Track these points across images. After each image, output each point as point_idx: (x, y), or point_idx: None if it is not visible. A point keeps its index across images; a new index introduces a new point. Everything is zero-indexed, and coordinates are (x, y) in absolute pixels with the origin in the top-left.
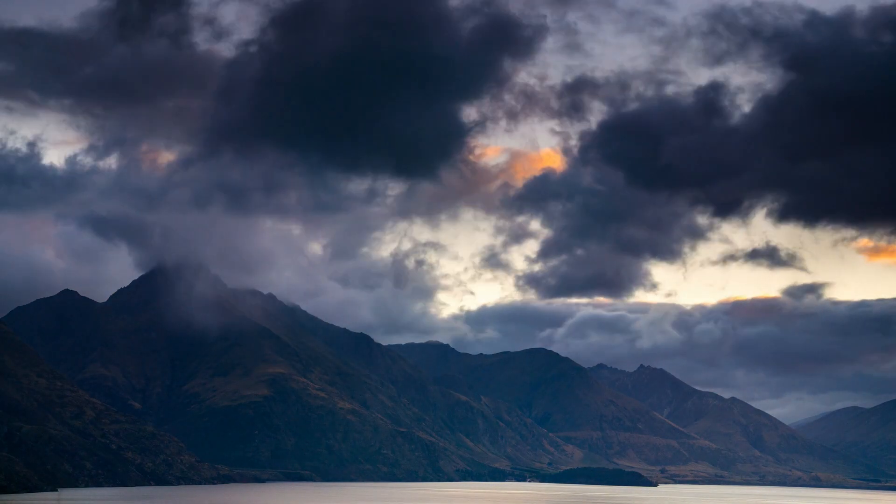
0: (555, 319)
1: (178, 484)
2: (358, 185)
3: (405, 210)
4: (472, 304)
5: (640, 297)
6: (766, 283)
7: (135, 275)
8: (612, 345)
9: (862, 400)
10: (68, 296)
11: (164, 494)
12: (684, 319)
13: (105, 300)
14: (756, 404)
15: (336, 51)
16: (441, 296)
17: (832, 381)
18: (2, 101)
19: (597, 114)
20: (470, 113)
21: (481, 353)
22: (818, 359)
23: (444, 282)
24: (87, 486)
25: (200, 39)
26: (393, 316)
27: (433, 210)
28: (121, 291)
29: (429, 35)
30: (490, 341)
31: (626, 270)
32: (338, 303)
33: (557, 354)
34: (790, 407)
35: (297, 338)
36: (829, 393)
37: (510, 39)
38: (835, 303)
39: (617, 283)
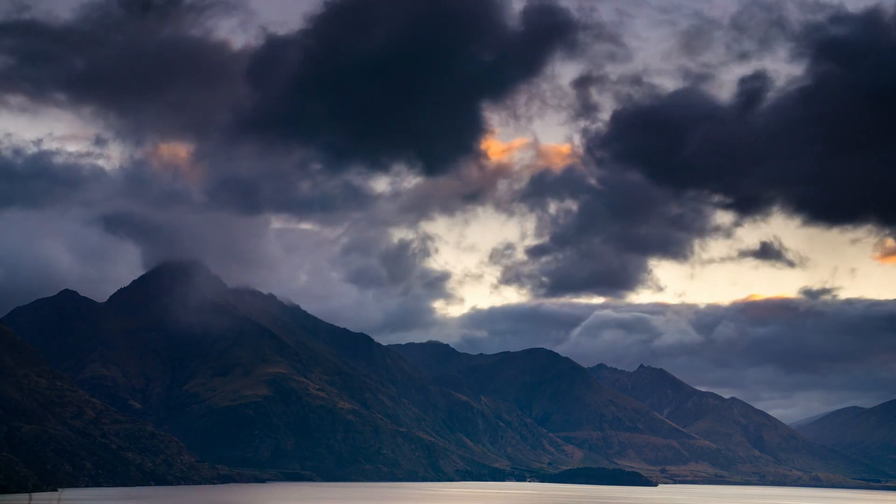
0: (568, 320)
1: (178, 484)
2: (368, 181)
3: (416, 208)
4: (484, 303)
5: (653, 297)
6: (781, 283)
7: (138, 274)
8: (627, 345)
9: (874, 400)
10: (68, 296)
11: (164, 494)
12: (698, 319)
13: (105, 300)
14: (767, 404)
15: (368, 48)
16: (452, 295)
17: (845, 382)
18: (7, 95)
19: (612, 109)
20: (492, 108)
21: (481, 353)
22: (831, 359)
23: (454, 281)
24: (87, 486)
25: (219, 30)
26: (402, 316)
27: (446, 208)
28: (121, 291)
29: (469, 33)
30: (503, 342)
31: (639, 270)
32: (343, 302)
33: (557, 354)
34: (801, 406)
35: (297, 338)
36: (841, 392)
37: (557, 37)
38: (849, 302)
39: (630, 283)
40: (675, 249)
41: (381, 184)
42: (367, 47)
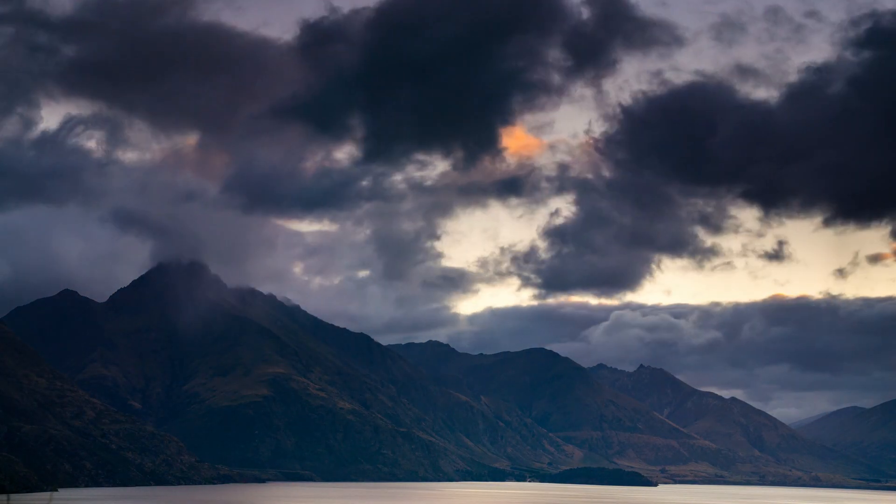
0: (583, 320)
1: (178, 484)
2: (383, 179)
3: (427, 206)
4: (499, 302)
5: (670, 297)
6: (799, 282)
7: (143, 271)
8: (644, 345)
9: (877, 400)
10: (68, 296)
11: (164, 494)
12: (714, 319)
13: (105, 300)
14: (778, 403)
15: (420, 46)
16: (462, 294)
17: (861, 382)
18: (13, 89)
19: (633, 102)
20: (520, 104)
21: (481, 353)
22: (848, 358)
23: (465, 280)
24: (87, 486)
25: (242, 22)
26: (409, 316)
27: (458, 207)
28: (121, 291)
29: (514, 28)
30: (518, 341)
31: (656, 269)
32: (346, 301)
33: (557, 354)
34: (816, 407)
35: (297, 338)
36: (855, 392)
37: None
38: (868, 303)
39: (646, 283)
40: (691, 248)
41: (396, 182)
42: (420, 46)
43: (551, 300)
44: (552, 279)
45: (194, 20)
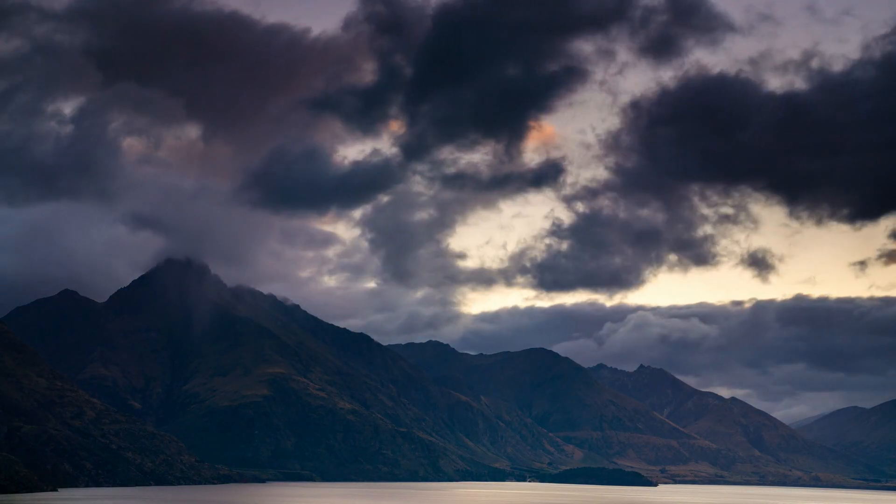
0: (592, 319)
1: (178, 484)
2: (387, 175)
3: (437, 205)
4: (510, 301)
5: (681, 296)
6: (814, 281)
7: (144, 271)
8: (660, 345)
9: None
10: (68, 296)
11: (164, 494)
12: (726, 319)
13: (105, 300)
14: (788, 402)
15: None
16: (471, 295)
17: (877, 382)
18: (23, 84)
19: (655, 99)
20: (549, 98)
21: (481, 353)
22: (864, 358)
23: (472, 279)
24: (87, 486)
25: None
26: (418, 316)
27: (469, 204)
28: (121, 291)
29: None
30: (528, 341)
31: (668, 268)
32: (348, 301)
33: (557, 354)
34: (829, 407)
35: (297, 338)
36: (869, 392)
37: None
38: (887, 301)
39: (657, 282)
40: (704, 247)
41: (407, 179)
42: (470, 43)
43: (564, 299)
44: (564, 278)
45: (220, 7)
